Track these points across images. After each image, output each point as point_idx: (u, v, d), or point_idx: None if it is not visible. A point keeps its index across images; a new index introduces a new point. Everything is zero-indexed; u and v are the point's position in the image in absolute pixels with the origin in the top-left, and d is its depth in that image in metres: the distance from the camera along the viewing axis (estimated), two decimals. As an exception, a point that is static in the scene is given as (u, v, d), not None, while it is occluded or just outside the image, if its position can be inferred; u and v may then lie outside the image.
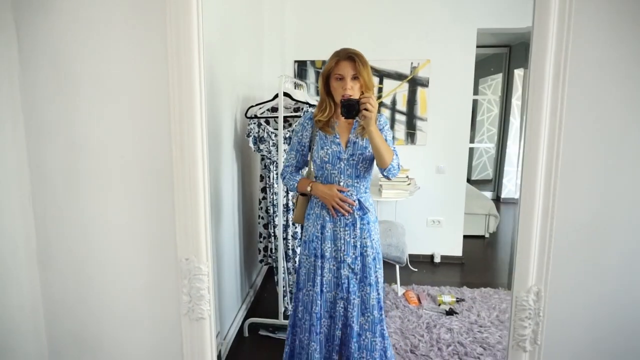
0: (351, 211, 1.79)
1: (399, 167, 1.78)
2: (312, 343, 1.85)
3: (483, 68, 6.71)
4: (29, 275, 1.49)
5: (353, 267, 1.81)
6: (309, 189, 1.83)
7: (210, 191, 1.37)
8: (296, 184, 1.89)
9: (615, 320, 1.40)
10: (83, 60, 1.37)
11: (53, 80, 1.39)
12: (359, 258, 1.82)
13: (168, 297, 1.43)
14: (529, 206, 1.25)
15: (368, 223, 1.83)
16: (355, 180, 1.79)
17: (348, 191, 1.79)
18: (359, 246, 1.81)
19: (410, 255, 3.85)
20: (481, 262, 4.12)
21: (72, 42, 1.36)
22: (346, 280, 1.81)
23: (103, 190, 1.44)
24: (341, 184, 1.79)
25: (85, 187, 1.44)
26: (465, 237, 4.06)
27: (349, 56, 1.70)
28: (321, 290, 1.83)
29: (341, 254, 1.82)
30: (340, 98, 1.69)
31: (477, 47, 3.73)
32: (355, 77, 1.70)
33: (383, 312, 1.88)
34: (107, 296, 1.50)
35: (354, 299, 1.82)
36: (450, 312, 2.98)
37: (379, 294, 1.85)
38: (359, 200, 1.80)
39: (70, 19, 1.35)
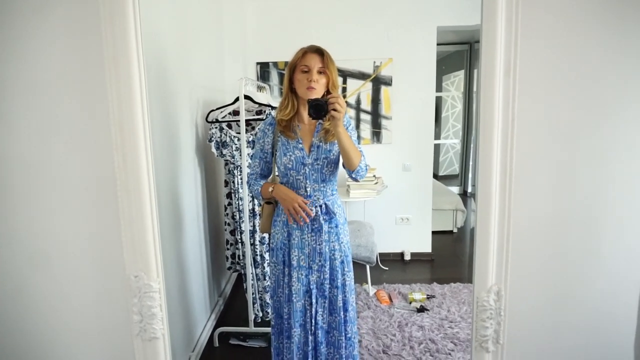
0: (307, 221, 1.75)
1: (366, 169, 1.75)
2: (287, 350, 1.83)
3: (446, 65, 6.81)
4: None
5: (320, 273, 1.78)
6: (270, 189, 1.78)
7: (158, 202, 1.29)
8: (260, 189, 1.83)
9: (577, 317, 1.41)
10: (11, 67, 1.27)
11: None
12: (327, 262, 1.78)
13: (119, 316, 1.35)
14: (486, 205, 1.24)
15: (336, 226, 1.79)
16: (322, 185, 1.75)
17: (310, 202, 1.74)
18: (327, 251, 1.78)
19: (381, 254, 3.85)
20: (450, 258, 4.16)
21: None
22: (314, 286, 1.78)
23: (42, 205, 1.34)
24: (307, 189, 1.74)
25: (21, 201, 1.35)
26: (434, 233, 4.09)
27: (316, 49, 1.68)
28: (289, 300, 1.80)
29: (309, 261, 1.78)
30: (304, 91, 1.65)
31: (439, 44, 3.77)
32: (321, 72, 1.66)
33: (352, 314, 1.85)
34: (52, 318, 1.41)
35: (323, 302, 1.80)
36: (421, 310, 2.99)
37: (345, 296, 1.82)
38: (325, 204, 1.76)
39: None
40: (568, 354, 1.41)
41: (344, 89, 3.81)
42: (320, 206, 1.76)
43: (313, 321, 1.79)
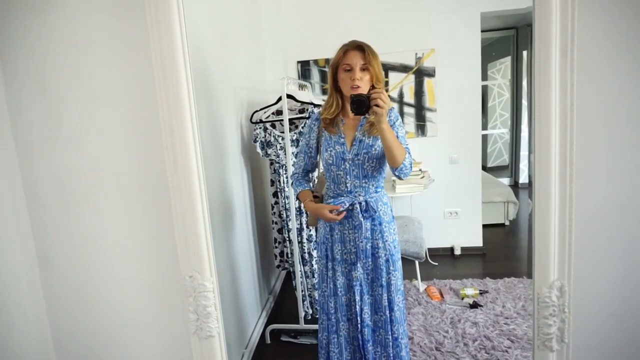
0: (341, 217, 1.72)
1: (411, 167, 1.69)
2: (331, 345, 1.84)
3: (491, 52, 6.55)
4: (33, 304, 1.47)
5: (363, 269, 1.76)
6: (302, 205, 1.79)
7: (208, 203, 1.32)
8: (298, 194, 1.86)
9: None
10: (67, 80, 1.35)
11: (40, 102, 1.37)
12: (369, 259, 1.76)
13: (176, 315, 1.40)
14: (545, 195, 1.17)
15: (380, 224, 1.75)
16: (363, 181, 1.72)
17: (350, 198, 1.73)
18: (368, 248, 1.75)
19: (430, 249, 3.77)
20: (503, 251, 4.02)
21: (55, 63, 1.34)
22: (357, 283, 1.76)
23: (99, 210, 1.41)
24: (348, 185, 1.72)
25: (81, 208, 1.42)
26: (484, 226, 3.96)
27: (357, 45, 1.64)
28: (335, 294, 1.80)
29: (351, 257, 1.77)
30: (348, 90, 1.63)
31: (482, 31, 3.63)
32: (364, 68, 1.63)
33: (398, 314, 1.80)
34: (112, 318, 1.48)
35: (367, 298, 1.78)
36: (474, 305, 2.90)
37: (391, 295, 1.78)
38: (366, 201, 1.72)
39: (50, 39, 1.33)
40: (641, 352, 1.31)
41: (386, 83, 3.75)
42: (360, 203, 1.72)
43: (359, 318, 1.77)
